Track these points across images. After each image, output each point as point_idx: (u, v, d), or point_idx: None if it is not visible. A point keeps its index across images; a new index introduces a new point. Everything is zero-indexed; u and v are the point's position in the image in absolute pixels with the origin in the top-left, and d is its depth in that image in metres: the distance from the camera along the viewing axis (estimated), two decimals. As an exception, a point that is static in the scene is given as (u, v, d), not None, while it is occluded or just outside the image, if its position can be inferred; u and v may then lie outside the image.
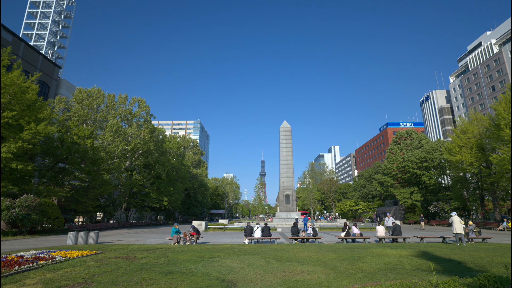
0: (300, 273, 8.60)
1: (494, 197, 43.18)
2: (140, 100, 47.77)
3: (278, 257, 11.91)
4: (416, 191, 59.57)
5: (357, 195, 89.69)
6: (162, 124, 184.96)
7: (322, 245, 16.83)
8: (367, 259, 11.23)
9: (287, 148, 49.80)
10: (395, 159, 64.69)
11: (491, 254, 12.90)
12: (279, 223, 42.21)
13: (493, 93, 73.99)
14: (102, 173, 37.12)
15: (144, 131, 45.45)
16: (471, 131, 42.57)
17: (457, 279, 5.67)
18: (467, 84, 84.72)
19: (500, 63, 73.19)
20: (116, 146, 41.03)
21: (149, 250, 13.96)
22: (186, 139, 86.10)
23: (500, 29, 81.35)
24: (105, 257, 11.45)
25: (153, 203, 52.06)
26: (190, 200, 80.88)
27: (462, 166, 43.11)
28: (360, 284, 6.83)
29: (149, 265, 9.84)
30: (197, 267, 9.57)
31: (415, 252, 13.34)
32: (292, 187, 48.24)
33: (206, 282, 7.53)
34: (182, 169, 64.74)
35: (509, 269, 9.13)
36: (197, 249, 14.66)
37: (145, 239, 22.48)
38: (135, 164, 49.14)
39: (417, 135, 66.81)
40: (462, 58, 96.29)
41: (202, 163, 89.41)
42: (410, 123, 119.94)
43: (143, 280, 7.59)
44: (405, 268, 9.49)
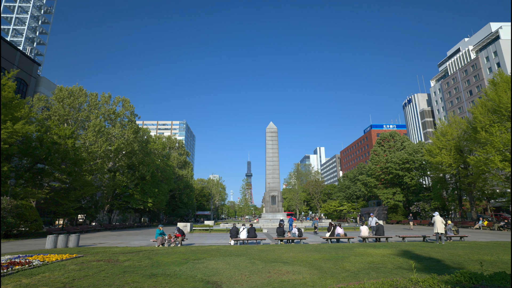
0: (285, 274, 8.65)
1: (471, 197, 44.92)
2: (124, 99, 46.76)
3: (263, 258, 11.93)
4: (398, 191, 61.16)
5: (342, 196, 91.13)
6: (147, 124, 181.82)
7: (307, 246, 16.99)
8: (351, 258, 11.42)
9: (273, 149, 50.01)
10: (379, 160, 66.22)
11: (467, 252, 13.41)
12: (265, 224, 42.29)
13: (471, 97, 77.01)
14: (84, 174, 36.07)
15: (128, 131, 44.51)
16: (450, 133, 44.16)
17: (436, 277, 5.86)
18: (447, 88, 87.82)
19: (477, 69, 76.29)
20: (99, 147, 39.98)
21: (133, 253, 13.67)
22: (172, 140, 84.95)
23: (477, 36, 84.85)
24: (86, 261, 11.13)
25: (137, 204, 51.02)
26: (175, 201, 79.82)
27: (442, 167, 44.63)
28: (344, 283, 6.94)
29: (132, 268, 9.64)
30: (181, 269, 9.45)
31: (397, 251, 13.68)
32: (278, 188, 48.46)
33: (190, 284, 7.46)
34: (167, 170, 63.80)
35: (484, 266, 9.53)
36: (182, 251, 14.48)
37: (128, 242, 22.00)
38: (118, 165, 48.02)
39: (399, 137, 68.64)
40: (442, 63, 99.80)
41: (188, 164, 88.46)
42: (393, 125, 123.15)
43: (126, 283, 7.43)
44: (387, 267, 9.71)
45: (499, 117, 34.21)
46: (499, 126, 33.10)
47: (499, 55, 70.09)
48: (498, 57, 70.37)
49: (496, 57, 70.96)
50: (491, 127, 33.46)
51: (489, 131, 33.35)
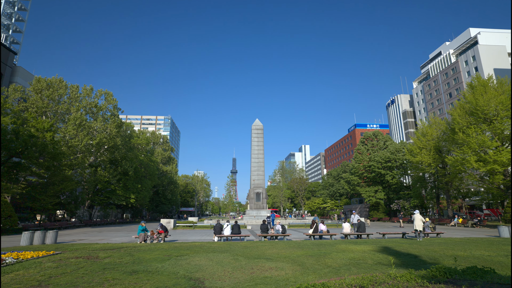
0: (268, 270, 8.71)
1: (448, 196, 46.71)
2: (107, 92, 45.47)
3: (247, 254, 11.97)
4: (380, 189, 62.78)
5: (326, 194, 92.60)
6: (131, 118, 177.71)
7: (290, 242, 17.17)
8: (333, 255, 11.63)
9: (259, 147, 50.10)
10: (362, 159, 67.67)
11: (443, 247, 13.96)
12: (249, 221, 42.41)
13: (450, 99, 79.79)
14: (64, 168, 34.92)
15: (110, 125, 43.36)
16: (430, 134, 45.65)
17: (413, 272, 6.06)
18: (428, 90, 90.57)
19: (456, 72, 79.05)
20: (80, 141, 38.78)
21: (113, 249, 13.39)
22: (156, 135, 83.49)
23: (457, 41, 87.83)
24: (64, 258, 10.80)
25: (119, 200, 49.95)
26: (158, 197, 78.72)
27: (422, 166, 46.11)
28: (325, 279, 7.06)
29: (112, 265, 9.43)
30: (163, 266, 9.34)
31: (377, 247, 14.05)
32: (262, 185, 48.65)
33: (173, 280, 7.38)
34: (151, 165, 62.72)
35: (457, 260, 9.94)
36: (165, 248, 14.31)
37: (109, 238, 21.53)
38: (100, 160, 46.77)
39: (382, 136, 70.33)
40: (424, 65, 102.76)
41: (172, 160, 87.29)
42: (377, 124, 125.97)
43: (106, 281, 7.26)
44: (367, 262, 9.96)
45: (475, 119, 35.62)
46: (475, 128, 34.49)
47: (477, 60, 72.84)
48: (476, 62, 73.14)
49: (474, 62, 73.72)
50: (468, 128, 34.82)
51: (466, 132, 34.69)
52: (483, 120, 35.10)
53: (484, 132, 34.99)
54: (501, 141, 34.36)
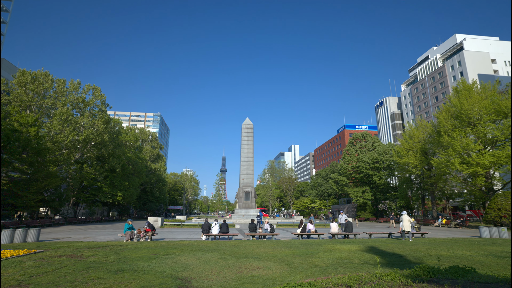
0: (255, 269, 8.71)
1: (432, 197, 47.85)
2: (94, 87, 44.50)
3: (234, 253, 11.94)
4: (367, 190, 63.74)
5: (314, 193, 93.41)
6: (119, 115, 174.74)
7: (278, 241, 17.24)
8: (320, 254, 11.74)
9: (249, 145, 50.09)
10: (351, 159, 68.54)
11: (427, 247, 14.28)
12: (238, 220, 42.38)
13: (437, 102, 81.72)
14: (48, 164, 34.00)
15: (98, 121, 42.48)
16: (417, 136, 46.64)
17: (398, 271, 6.17)
18: (416, 93, 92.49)
19: (443, 76, 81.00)
20: (66, 136, 37.84)
21: (98, 248, 13.13)
22: (145, 132, 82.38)
23: (444, 45, 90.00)
24: (46, 256, 10.52)
25: (105, 198, 49.04)
26: (146, 195, 77.74)
27: (408, 168, 47.06)
28: (312, 278, 7.11)
29: (97, 264, 9.25)
30: (150, 265, 9.22)
31: (363, 247, 14.26)
32: (252, 184, 48.68)
33: (159, 280, 7.29)
34: (139, 163, 61.84)
35: (440, 260, 10.19)
36: (152, 246, 14.13)
37: (94, 236, 21.11)
38: (86, 156, 45.78)
39: (371, 137, 71.41)
40: (413, 68, 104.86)
41: (161, 157, 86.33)
42: (366, 126, 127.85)
43: (90, 280, 7.11)
44: (354, 262, 10.09)
45: (460, 122, 36.58)
46: (460, 131, 35.42)
47: (462, 65, 74.83)
48: (461, 67, 75.13)
49: (460, 67, 75.72)
50: (453, 131, 35.72)
51: (451, 135, 35.58)
52: (467, 124, 36.08)
53: (468, 135, 35.97)
54: (484, 145, 35.40)
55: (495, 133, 33.65)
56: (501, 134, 33.29)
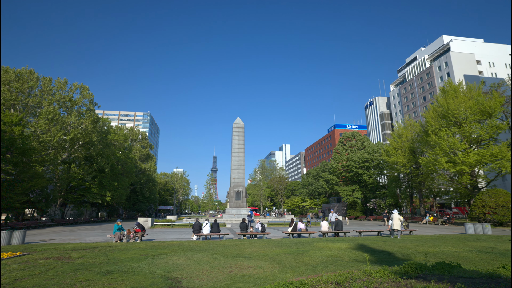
0: (246, 268, 8.72)
1: (420, 195, 48.82)
2: (82, 86, 43.60)
3: (225, 253, 11.92)
4: (357, 189, 64.53)
5: (305, 192, 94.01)
6: (108, 114, 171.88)
7: (269, 240, 17.29)
8: (311, 252, 11.83)
9: (240, 145, 50.02)
10: (341, 158, 69.25)
11: (415, 244, 14.58)
12: (229, 219, 42.29)
13: (424, 102, 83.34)
14: (34, 165, 33.18)
15: (86, 121, 41.65)
16: (405, 135, 47.48)
17: (387, 268, 6.28)
18: (404, 93, 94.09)
19: (430, 77, 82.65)
20: (52, 136, 36.99)
21: (87, 249, 12.90)
22: (134, 131, 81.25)
23: (432, 47, 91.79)
24: (32, 259, 10.27)
25: (94, 198, 48.15)
26: (136, 195, 76.77)
27: (397, 166, 47.86)
28: (303, 276, 7.16)
29: (85, 265, 9.09)
30: (140, 266, 9.11)
31: (353, 245, 14.44)
32: (243, 183, 48.64)
33: (149, 280, 7.22)
34: (128, 162, 60.96)
35: (427, 257, 10.41)
36: (141, 247, 13.97)
37: (83, 237, 20.73)
38: (74, 156, 44.85)
39: (360, 137, 72.29)
40: (401, 69, 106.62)
41: (151, 157, 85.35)
42: (355, 125, 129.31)
43: (78, 282, 6.98)
44: (344, 260, 10.21)
45: (447, 122, 37.41)
46: (447, 131, 36.22)
47: (449, 66, 76.53)
48: (448, 68, 76.82)
49: (446, 67, 77.41)
50: (440, 131, 36.51)
51: (438, 134, 36.35)
52: (454, 123, 36.93)
53: (455, 135, 36.82)
54: (469, 144, 36.31)
55: (480, 132, 34.55)
56: (485, 133, 34.21)
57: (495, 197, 30.89)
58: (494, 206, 30.48)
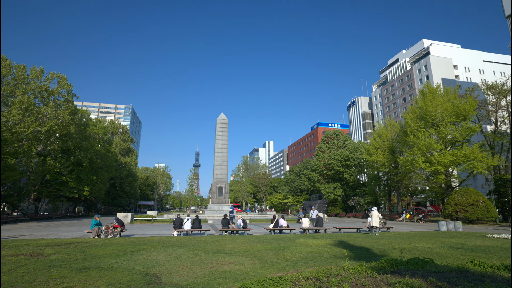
0: (227, 264, 8.71)
1: (398, 193, 50.52)
2: (60, 76, 41.77)
3: (206, 249, 11.86)
4: (338, 186, 65.90)
5: (287, 189, 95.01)
6: (87, 106, 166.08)
7: (251, 237, 17.36)
8: (291, 249, 11.98)
9: (223, 141, 49.77)
10: (323, 156, 70.41)
11: (391, 241, 15.08)
12: (211, 215, 42.12)
13: (404, 103, 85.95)
14: (5, 157, 31.60)
15: (63, 112, 40.01)
16: (385, 135, 48.85)
17: (364, 264, 6.46)
18: (386, 94, 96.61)
19: (410, 79, 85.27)
20: (26, 127, 35.32)
21: (62, 245, 12.46)
22: (115, 125, 79.02)
23: (413, 49, 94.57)
24: (1, 255, 9.80)
25: (71, 193, 46.53)
26: (116, 190, 74.89)
27: (377, 165, 49.23)
28: (283, 272, 7.23)
29: (60, 262, 8.77)
30: (118, 262, 8.90)
31: (333, 241, 14.75)
32: (225, 179, 48.50)
33: (127, 277, 7.06)
34: (108, 156, 59.27)
35: (403, 252, 10.80)
36: (120, 243, 13.66)
37: (58, 233, 20.00)
38: (50, 149, 43.04)
39: (343, 136, 73.72)
40: (383, 70, 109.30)
41: (132, 151, 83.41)
42: (338, 124, 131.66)
43: (51, 279, 6.72)
44: (323, 256, 10.40)
45: (425, 123, 38.79)
46: (424, 131, 37.57)
47: (428, 69, 79.21)
48: (427, 71, 79.50)
49: (426, 70, 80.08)
50: (418, 131, 37.81)
51: (416, 135, 37.64)
52: (431, 125, 38.34)
53: (432, 136, 38.26)
54: (445, 145, 37.85)
55: (454, 134, 36.09)
56: (459, 135, 35.78)
57: (467, 196, 32.42)
58: (465, 205, 31.99)
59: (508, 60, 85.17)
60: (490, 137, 40.29)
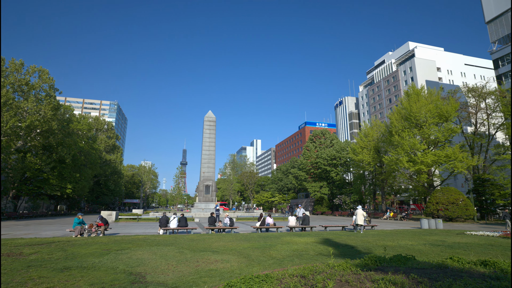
0: (213, 262, 8.67)
1: (383, 192, 51.61)
2: (41, 69, 40.37)
3: (192, 247, 11.77)
4: (325, 185, 66.69)
5: (274, 188, 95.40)
6: (71, 101, 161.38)
7: (237, 235, 17.36)
8: (278, 247, 12.05)
9: (211, 139, 49.47)
10: (310, 155, 71.07)
11: (376, 238, 15.40)
12: (197, 214, 41.84)
13: (390, 104, 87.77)
14: (-18, 153, 30.31)
15: (45, 107, 38.71)
16: (371, 135, 49.77)
17: (349, 261, 6.57)
18: (372, 94, 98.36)
19: (396, 80, 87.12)
20: (5, 122, 34.02)
21: (42, 244, 12.09)
22: (100, 121, 77.19)
23: (398, 51, 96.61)
24: (-22, 255, 9.41)
25: (52, 190, 45.12)
26: (100, 188, 73.25)
27: (362, 164, 50.12)
28: (269, 270, 7.26)
29: (39, 262, 8.50)
30: (101, 261, 8.71)
31: (319, 239, 14.93)
32: (212, 177, 48.26)
33: (110, 276, 6.92)
34: (92, 153, 57.83)
35: (386, 250, 11.05)
36: (104, 241, 13.38)
37: (38, 232, 19.39)
38: (31, 145, 41.59)
39: (330, 135, 74.60)
40: (370, 71, 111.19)
41: (117, 149, 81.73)
42: (325, 123, 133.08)
43: (29, 280, 6.50)
44: (309, 253, 10.52)
45: (409, 123, 39.74)
46: (408, 132, 38.50)
47: (413, 71, 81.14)
48: (412, 72, 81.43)
49: (411, 72, 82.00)
50: (403, 132, 38.72)
51: (401, 135, 38.53)
52: (415, 125, 39.33)
53: (415, 136, 39.25)
54: (428, 145, 38.91)
55: (437, 134, 37.16)
56: (442, 136, 36.87)
57: (447, 195, 33.48)
58: (446, 203, 33.03)
59: (488, 64, 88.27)
60: (470, 138, 41.69)
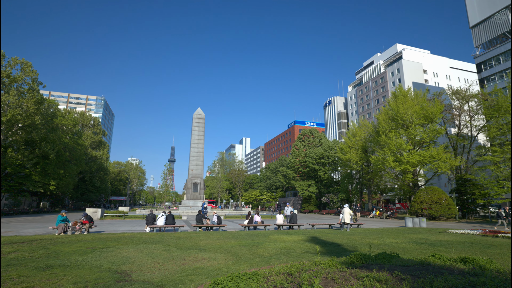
0: (200, 260, 8.63)
1: (369, 191, 52.52)
2: (24, 62, 39.06)
3: (179, 245, 11.68)
4: (313, 184, 67.32)
5: (263, 186, 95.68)
6: (56, 95, 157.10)
7: (225, 233, 17.33)
8: (265, 245, 12.09)
9: (199, 136, 49.12)
10: (299, 154, 71.56)
11: (362, 237, 15.67)
12: (185, 211, 41.54)
13: (378, 105, 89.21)
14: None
15: (28, 101, 37.52)
16: (359, 135, 50.51)
17: (335, 259, 6.66)
18: (360, 94, 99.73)
19: (384, 81, 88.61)
20: (-15, 115, 32.79)
21: (23, 243, 11.73)
22: (86, 116, 75.43)
23: (387, 53, 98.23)
24: (-46, 253, 9.06)
25: (35, 187, 43.84)
26: (85, 185, 71.67)
27: (350, 164, 50.84)
28: (256, 268, 7.28)
29: (20, 260, 8.25)
30: (85, 259, 8.53)
31: (306, 237, 15.07)
32: (201, 175, 47.97)
33: (95, 274, 6.78)
34: (77, 149, 56.47)
35: (371, 248, 11.26)
36: (89, 239, 13.10)
37: (19, 230, 18.82)
38: (12, 140, 40.26)
39: (318, 134, 75.28)
40: (359, 71, 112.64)
41: (104, 145, 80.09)
42: (314, 123, 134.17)
43: (8, 279, 6.29)
44: (296, 251, 10.60)
45: (396, 124, 40.53)
46: (395, 132, 39.27)
47: (400, 72, 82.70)
48: (399, 74, 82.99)
49: (398, 74, 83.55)
50: (390, 132, 39.46)
51: (388, 135, 39.26)
52: (402, 126, 40.15)
53: (402, 136, 40.08)
54: (413, 145, 39.79)
55: (422, 135, 38.05)
56: (427, 136, 37.78)
57: (431, 194, 34.35)
58: (429, 202, 33.88)
59: (472, 68, 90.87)
60: (453, 139, 42.88)
